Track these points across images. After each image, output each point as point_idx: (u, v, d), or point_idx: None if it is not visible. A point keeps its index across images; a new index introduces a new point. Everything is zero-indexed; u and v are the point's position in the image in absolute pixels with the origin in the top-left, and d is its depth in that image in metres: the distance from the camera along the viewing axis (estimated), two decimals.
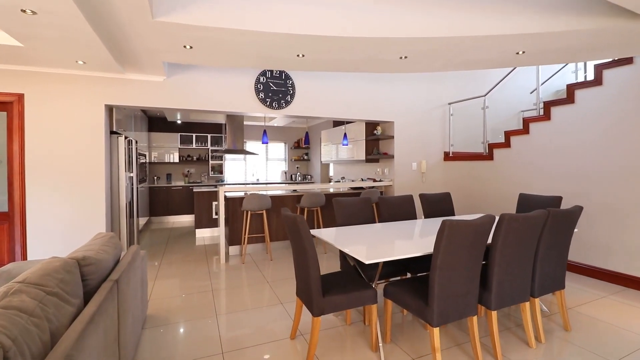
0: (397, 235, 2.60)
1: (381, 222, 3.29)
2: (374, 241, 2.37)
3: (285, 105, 4.59)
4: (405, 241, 2.39)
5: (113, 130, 4.13)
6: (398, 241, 2.39)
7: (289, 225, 2.23)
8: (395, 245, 2.27)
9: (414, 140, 5.58)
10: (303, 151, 9.42)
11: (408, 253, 2.06)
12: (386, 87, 5.34)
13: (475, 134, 6.19)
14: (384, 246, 2.23)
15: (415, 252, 2.09)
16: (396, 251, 2.10)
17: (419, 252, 2.09)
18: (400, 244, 2.31)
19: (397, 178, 5.43)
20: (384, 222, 3.20)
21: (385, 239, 2.44)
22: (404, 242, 2.37)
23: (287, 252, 4.87)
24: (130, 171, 4.47)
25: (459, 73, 5.97)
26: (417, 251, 2.10)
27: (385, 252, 2.07)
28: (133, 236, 4.55)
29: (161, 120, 7.82)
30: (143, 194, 6.56)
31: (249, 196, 4.30)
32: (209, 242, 5.68)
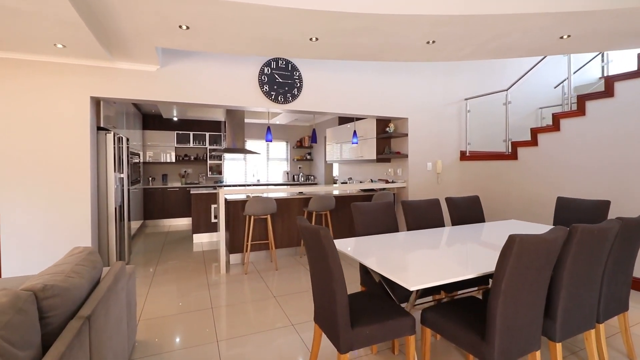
0: (431, 247, 2.19)
1: (408, 229, 2.88)
2: (408, 257, 1.96)
3: (292, 99, 4.18)
4: (446, 257, 1.97)
5: (100, 126, 3.70)
6: (437, 256, 1.97)
7: (309, 239, 1.81)
8: (437, 262, 1.86)
9: (429, 138, 5.18)
10: (306, 150, 9.00)
11: (461, 274, 1.65)
12: (400, 82, 4.93)
13: (493, 131, 5.80)
14: (423, 264, 1.82)
15: (469, 272, 1.68)
16: (445, 272, 1.69)
17: (472, 272, 1.68)
18: (443, 261, 1.89)
19: (412, 179, 5.03)
20: (410, 231, 2.79)
21: (420, 254, 2.03)
22: (445, 257, 1.95)
23: (293, 260, 4.45)
24: (121, 171, 4.04)
25: (475, 67, 5.58)
26: (470, 271, 1.69)
27: (431, 274, 1.66)
28: (123, 243, 4.13)
29: (156, 117, 7.38)
30: (136, 196, 6.12)
31: (252, 199, 3.88)
32: (207, 248, 5.26)
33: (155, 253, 4.92)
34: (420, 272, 1.69)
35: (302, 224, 1.88)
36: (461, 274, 1.65)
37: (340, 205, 4.91)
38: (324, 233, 1.65)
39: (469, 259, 1.93)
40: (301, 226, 1.87)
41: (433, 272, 1.68)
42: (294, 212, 4.59)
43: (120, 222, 4.06)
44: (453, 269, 1.74)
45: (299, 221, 1.93)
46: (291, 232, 4.60)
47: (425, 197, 5.13)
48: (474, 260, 1.89)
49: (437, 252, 2.08)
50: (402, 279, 1.59)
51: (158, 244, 5.48)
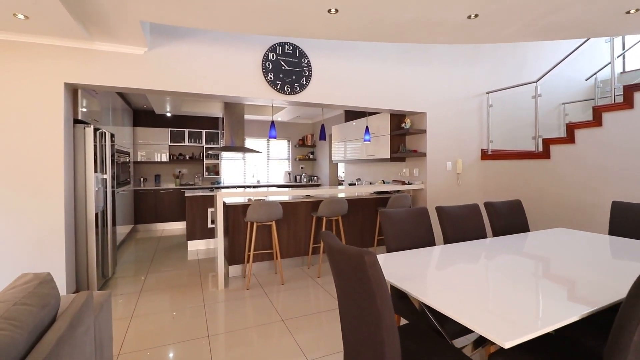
0: (495, 270, 1.69)
1: (445, 242, 2.39)
2: (469, 284, 1.46)
3: (300, 89, 3.68)
4: (522, 284, 1.47)
5: (78, 118, 3.18)
6: (510, 285, 1.48)
7: (343, 265, 1.31)
8: (515, 295, 1.36)
9: (449, 135, 4.70)
10: (308, 149, 8.50)
11: (565, 315, 1.15)
12: (418, 73, 4.45)
13: (516, 128, 5.34)
14: (499, 298, 1.32)
15: (575, 311, 1.18)
16: (540, 313, 1.19)
17: (578, 311, 1.19)
18: (522, 292, 1.39)
19: (430, 180, 4.54)
20: (450, 244, 2.29)
21: (482, 279, 1.53)
22: (521, 286, 1.46)
23: (300, 272, 3.94)
24: (104, 172, 3.52)
25: (496, 59, 5.11)
26: (575, 310, 1.20)
27: (523, 316, 1.15)
28: (107, 254, 3.60)
29: (148, 113, 6.85)
30: (126, 198, 5.59)
31: (254, 204, 3.38)
32: (203, 256, 4.74)
33: (145, 263, 4.39)
34: (502, 311, 1.19)
35: (331, 242, 1.38)
36: (566, 315, 1.16)
37: (352, 209, 4.42)
38: (371, 261, 1.15)
39: (555, 288, 1.44)
40: (331, 246, 1.37)
41: (522, 313, 1.18)
42: (300, 217, 4.09)
43: (103, 229, 3.54)
44: (549, 306, 1.25)
45: (326, 238, 1.43)
46: (298, 240, 4.09)
47: (445, 200, 4.65)
48: (564, 291, 1.40)
49: (504, 276, 1.59)
50: (487, 328, 1.09)
51: (149, 252, 4.95)
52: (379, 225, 4.50)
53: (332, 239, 1.42)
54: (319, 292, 3.31)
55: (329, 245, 1.39)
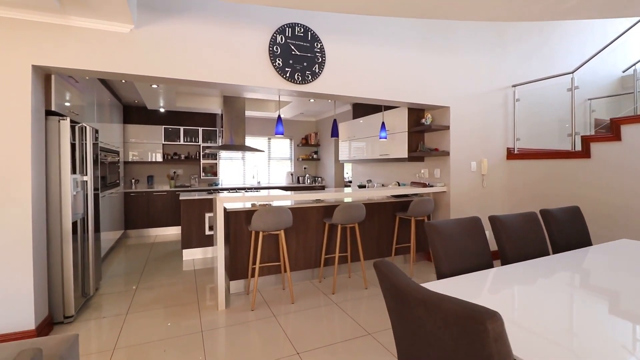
0: (624, 314, 1.22)
1: (503, 261, 1.93)
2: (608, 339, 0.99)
3: (312, 78, 3.20)
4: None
5: (51, 110, 2.68)
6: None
7: (436, 326, 0.83)
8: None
9: (473, 132, 4.24)
10: (312, 149, 8.02)
11: None
12: (440, 62, 3.99)
13: (543, 125, 4.90)
14: None
15: None
16: None
17: None
18: None
19: (454, 182, 4.08)
20: (512, 264, 1.83)
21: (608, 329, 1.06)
22: None
23: (310, 286, 3.46)
24: (84, 172, 3.02)
25: (522, 50, 4.66)
26: None
27: None
28: (87, 268, 3.09)
29: (140, 109, 6.33)
30: (115, 202, 5.08)
31: (261, 211, 2.89)
32: (200, 266, 4.25)
33: (134, 275, 3.89)
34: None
35: (399, 281, 0.90)
36: None
37: (367, 215, 3.94)
38: (497, 332, 0.67)
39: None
40: (399, 287, 0.89)
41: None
42: (310, 224, 3.60)
43: (84, 240, 3.03)
44: None
45: (387, 271, 0.95)
46: (308, 251, 3.61)
47: (470, 204, 4.19)
48: None
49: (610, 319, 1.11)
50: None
51: (140, 261, 4.44)
52: (397, 232, 4.03)
53: (397, 274, 0.94)
54: (336, 314, 2.83)
55: (395, 285, 0.91)
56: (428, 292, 0.81)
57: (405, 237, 4.19)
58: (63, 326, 2.66)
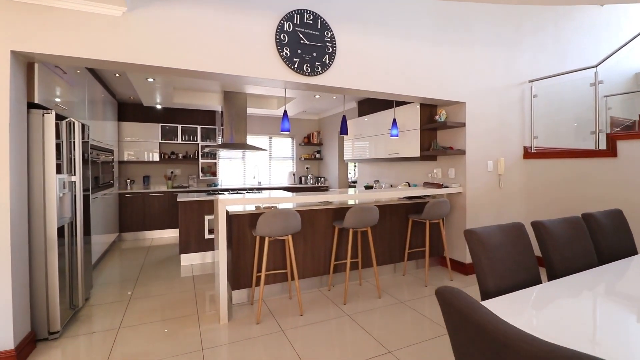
0: None
1: (550, 273, 1.68)
2: None
3: (322, 70, 2.94)
4: None
5: (34, 102, 2.40)
6: None
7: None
8: None
9: (490, 129, 4.01)
10: (314, 148, 7.76)
11: None
12: (455, 54, 3.74)
13: (560, 122, 4.68)
14: None
15: None
16: None
17: None
18: None
19: (470, 182, 3.84)
20: (561, 278, 1.57)
21: None
22: None
23: (319, 295, 3.20)
24: (72, 172, 2.75)
25: (537, 43, 4.43)
26: None
27: None
28: (76, 277, 2.82)
29: (136, 107, 6.05)
30: (109, 203, 4.80)
31: (267, 215, 2.63)
32: (199, 272, 3.99)
33: (128, 282, 3.62)
34: None
35: (492, 323, 0.64)
36: None
37: (379, 217, 3.68)
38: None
39: None
40: (512, 343, 0.63)
41: None
42: (319, 228, 3.35)
43: (72, 247, 2.76)
44: None
45: (457, 302, 0.70)
46: (316, 257, 3.35)
47: (486, 206, 3.95)
48: None
49: None
50: None
51: (135, 267, 4.17)
52: (410, 236, 3.78)
53: (476, 309, 0.69)
54: (351, 328, 2.57)
55: (478, 324, 0.65)
56: (546, 346, 0.55)
57: (417, 241, 3.94)
58: (48, 343, 2.39)
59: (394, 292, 3.28)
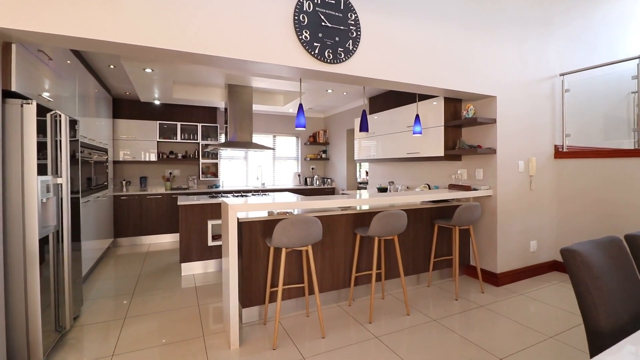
0: None
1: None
2: None
3: (345, 57, 2.58)
4: None
5: (11, 90, 2.03)
6: None
7: None
8: None
9: (521, 126, 3.67)
10: (320, 148, 7.41)
11: None
12: (485, 42, 3.41)
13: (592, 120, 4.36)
14: None
15: None
16: None
17: None
18: None
19: (501, 185, 3.49)
20: None
21: None
22: None
23: (339, 312, 2.84)
24: (57, 173, 2.37)
25: (567, 32, 4.10)
26: None
27: None
28: (62, 293, 2.44)
29: (132, 103, 5.67)
30: (103, 206, 4.42)
31: (285, 223, 2.26)
32: (201, 282, 3.63)
33: (123, 296, 3.24)
34: None
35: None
36: None
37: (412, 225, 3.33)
38: None
39: None
40: None
41: None
42: (338, 235, 2.99)
43: (57, 259, 2.38)
44: None
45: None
46: (335, 268, 2.99)
47: (517, 210, 3.61)
48: None
49: None
50: None
51: (131, 277, 3.79)
52: (435, 243, 3.43)
53: None
54: (381, 354, 2.21)
55: None
56: None
57: (442, 249, 3.60)
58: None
59: (422, 308, 2.93)
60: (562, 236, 3.89)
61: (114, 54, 3.61)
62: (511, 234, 3.58)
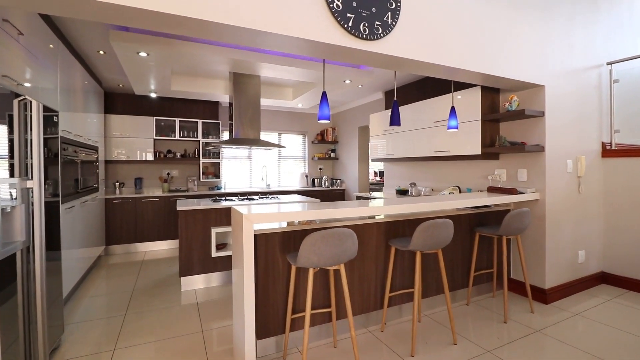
0: None
1: None
2: None
3: (383, 32, 2.12)
4: None
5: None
6: None
7: None
8: None
9: (569, 121, 3.23)
10: (328, 147, 6.94)
11: None
12: (532, 24, 2.95)
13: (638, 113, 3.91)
14: None
15: None
16: None
17: None
18: None
19: (550, 188, 3.04)
20: None
21: None
22: None
23: (371, 340, 2.37)
24: (26, 175, 1.89)
25: (613, 18, 3.66)
26: None
27: None
28: (33, 324, 1.96)
29: (126, 97, 5.18)
30: (92, 211, 3.93)
31: (315, 238, 1.79)
32: (204, 299, 3.16)
33: (113, 319, 2.75)
34: None
35: None
36: None
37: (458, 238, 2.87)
38: None
39: None
40: None
41: None
42: (367, 249, 2.52)
43: (27, 281, 1.90)
44: None
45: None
46: (365, 286, 2.52)
47: (566, 216, 3.16)
48: None
49: None
50: None
51: (123, 293, 3.30)
52: (476, 255, 2.97)
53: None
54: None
55: None
56: None
57: (482, 262, 3.14)
58: None
59: (469, 333, 2.47)
60: (611, 245, 3.45)
61: (101, 35, 3.13)
62: (559, 243, 3.13)
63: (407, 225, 2.69)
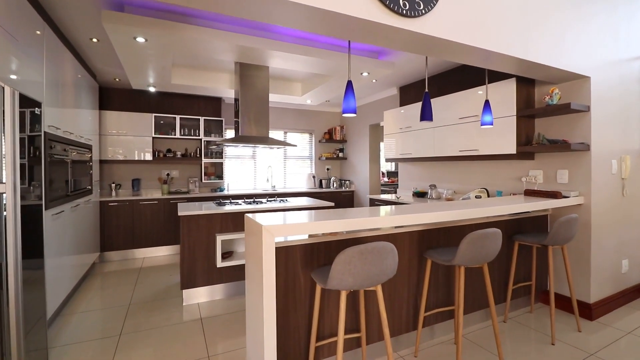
0: None
1: None
2: None
3: (425, 8, 1.80)
4: None
5: None
6: None
7: None
8: None
9: (613, 117, 2.91)
10: (336, 146, 6.61)
11: None
12: (578, 8, 2.63)
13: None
14: None
15: None
16: None
17: None
18: None
19: (595, 191, 2.72)
20: None
21: None
22: None
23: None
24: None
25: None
26: None
27: None
28: (7, 351, 1.63)
29: (123, 92, 4.84)
30: (85, 215, 3.59)
31: (350, 255, 1.46)
32: (208, 314, 2.83)
33: (106, 340, 2.42)
34: None
35: None
36: None
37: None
38: None
39: None
40: None
41: None
42: (401, 262, 2.20)
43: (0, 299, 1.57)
44: None
45: None
46: (395, 307, 2.20)
47: (610, 222, 2.85)
48: None
49: None
50: None
51: (118, 308, 2.97)
52: (514, 267, 2.65)
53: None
54: None
55: None
56: None
57: (520, 274, 2.82)
58: None
59: (516, 358, 2.14)
60: None
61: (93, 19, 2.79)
62: (605, 252, 2.82)
63: (442, 234, 2.36)
